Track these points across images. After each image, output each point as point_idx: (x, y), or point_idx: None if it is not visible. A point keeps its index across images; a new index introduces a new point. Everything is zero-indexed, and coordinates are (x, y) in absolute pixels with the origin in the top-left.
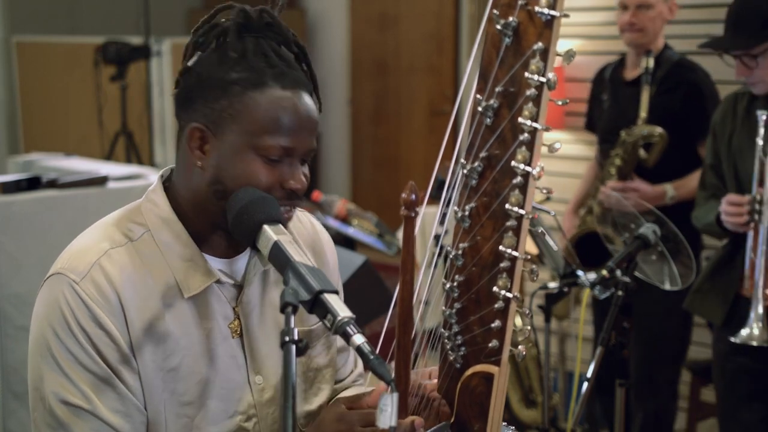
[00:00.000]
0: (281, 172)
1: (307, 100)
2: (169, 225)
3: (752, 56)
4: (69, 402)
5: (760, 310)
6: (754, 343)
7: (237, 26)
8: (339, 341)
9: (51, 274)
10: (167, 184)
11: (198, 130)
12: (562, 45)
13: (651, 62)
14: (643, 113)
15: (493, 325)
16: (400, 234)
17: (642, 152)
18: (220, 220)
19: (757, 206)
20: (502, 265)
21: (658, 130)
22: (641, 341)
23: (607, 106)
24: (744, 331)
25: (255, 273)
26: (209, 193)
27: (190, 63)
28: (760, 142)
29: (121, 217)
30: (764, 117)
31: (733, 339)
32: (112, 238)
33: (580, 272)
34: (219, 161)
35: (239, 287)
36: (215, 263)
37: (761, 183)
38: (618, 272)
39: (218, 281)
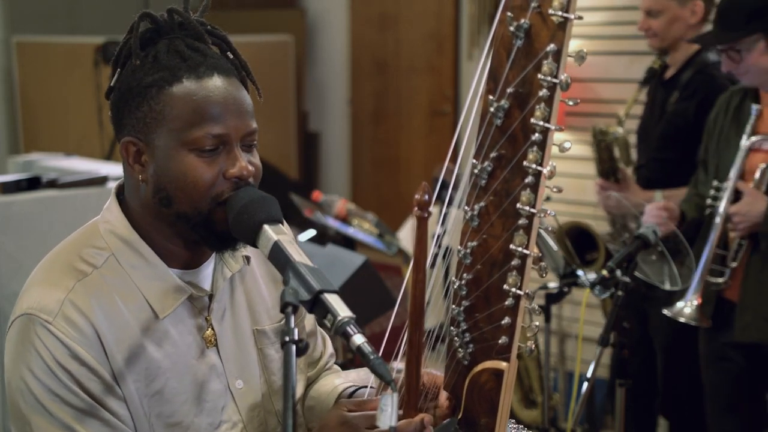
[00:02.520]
0: (220, 163)
1: (229, 83)
2: (132, 245)
3: (736, 50)
4: None
5: (696, 285)
6: (682, 320)
7: (148, 33)
8: (308, 326)
9: (19, 315)
10: (121, 197)
11: (130, 143)
12: None
13: (657, 63)
14: (623, 112)
15: (503, 322)
16: (400, 234)
17: (616, 151)
18: (177, 228)
19: (720, 193)
20: (512, 263)
21: (612, 129)
22: (664, 360)
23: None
24: (679, 304)
25: (224, 279)
26: (156, 203)
27: (112, 83)
28: (747, 132)
29: (79, 243)
30: (755, 109)
31: (665, 311)
32: (77, 269)
33: (580, 272)
34: (156, 169)
35: (209, 296)
36: (183, 276)
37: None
38: (618, 272)
39: (190, 295)
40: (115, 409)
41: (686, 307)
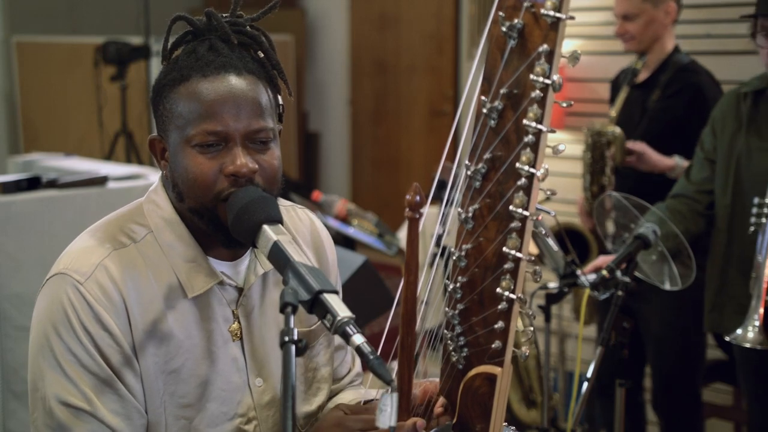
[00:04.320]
0: (220, 160)
1: (239, 82)
2: (172, 226)
3: None
4: (69, 403)
5: (760, 311)
6: (747, 345)
7: (189, 35)
8: (336, 340)
9: (53, 274)
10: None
11: (156, 140)
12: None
13: (639, 64)
14: (614, 113)
15: (496, 326)
16: (400, 234)
17: (609, 151)
18: (194, 222)
19: (765, 210)
20: (505, 266)
21: (609, 128)
22: (654, 354)
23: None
24: (739, 331)
25: (255, 275)
26: (175, 197)
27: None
28: None
29: (123, 217)
30: None
31: (727, 338)
32: (116, 239)
33: (579, 272)
34: (171, 164)
35: (240, 290)
36: (217, 265)
37: None
38: (618, 272)
39: (221, 283)
40: (129, 382)
41: (749, 332)
